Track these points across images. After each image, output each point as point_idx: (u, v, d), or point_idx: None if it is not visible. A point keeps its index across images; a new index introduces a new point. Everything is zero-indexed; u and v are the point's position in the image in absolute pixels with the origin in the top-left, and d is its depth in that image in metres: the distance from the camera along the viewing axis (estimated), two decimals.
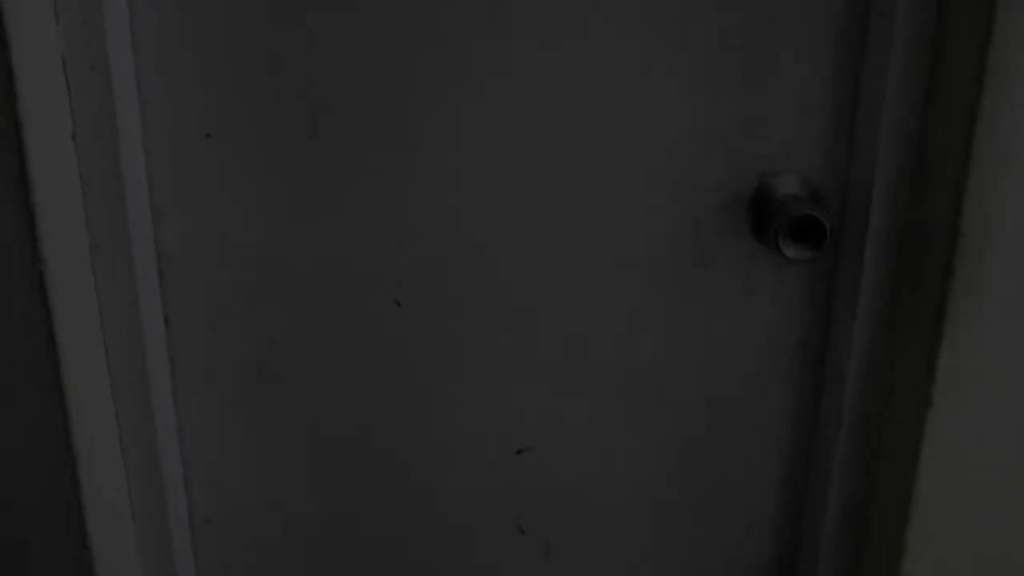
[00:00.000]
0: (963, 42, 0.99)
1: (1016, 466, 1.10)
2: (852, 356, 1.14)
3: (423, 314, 1.17)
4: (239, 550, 1.29)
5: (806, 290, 1.18)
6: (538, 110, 1.10)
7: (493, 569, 1.30)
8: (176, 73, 1.08)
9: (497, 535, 1.28)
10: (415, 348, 1.19)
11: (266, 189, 1.12)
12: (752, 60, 1.09)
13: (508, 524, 1.27)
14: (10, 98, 0.96)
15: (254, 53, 1.07)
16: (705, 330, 1.19)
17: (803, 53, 1.09)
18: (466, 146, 1.11)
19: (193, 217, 1.13)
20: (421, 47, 1.08)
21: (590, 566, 1.29)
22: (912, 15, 1.02)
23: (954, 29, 1.01)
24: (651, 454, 1.24)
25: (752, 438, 1.24)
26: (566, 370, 1.20)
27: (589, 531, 1.28)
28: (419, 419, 1.22)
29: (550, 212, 1.14)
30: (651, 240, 1.16)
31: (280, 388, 1.20)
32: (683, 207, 1.15)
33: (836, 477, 1.19)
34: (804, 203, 1.10)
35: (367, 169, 1.12)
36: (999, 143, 0.99)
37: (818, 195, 1.14)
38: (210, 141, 1.10)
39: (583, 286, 1.17)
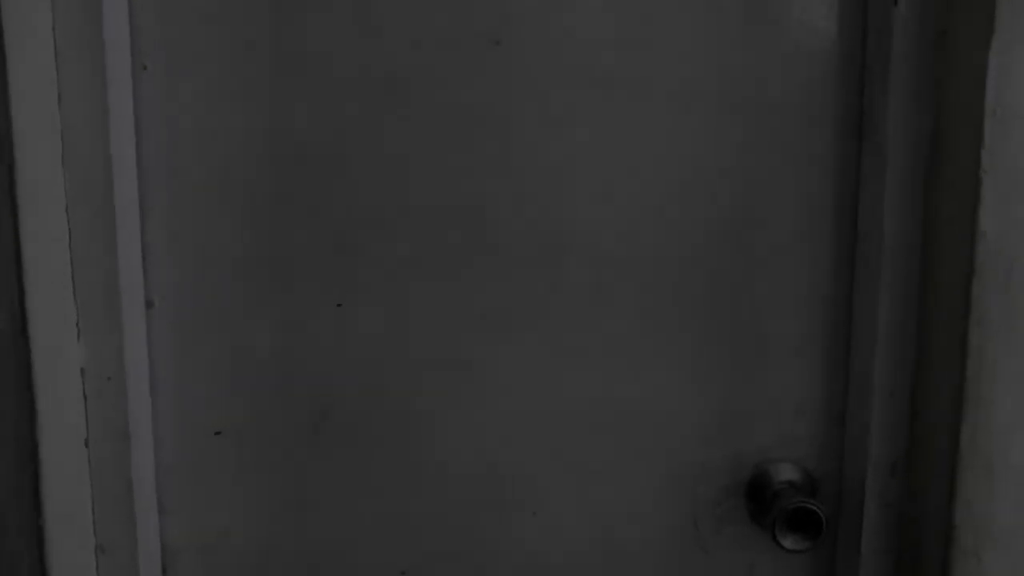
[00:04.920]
0: (944, 355, 1.05)
1: None
2: None
3: None
4: None
5: None
6: (541, 407, 1.14)
7: None
8: (188, 376, 1.12)
9: None
10: None
11: (271, 484, 1.14)
12: (744, 354, 1.14)
13: None
14: (31, 415, 1.00)
15: (262, 357, 1.12)
16: None
17: (793, 347, 1.14)
18: (468, 445, 1.15)
19: (198, 512, 1.14)
20: (422, 350, 1.13)
21: None
22: (892, 322, 1.08)
23: (934, 328, 1.07)
24: None
25: None
26: None
27: None
28: None
29: (553, 503, 1.16)
30: (651, 527, 1.17)
31: None
32: (682, 495, 1.17)
33: None
34: (800, 494, 1.13)
35: (370, 466, 1.14)
36: (986, 441, 1.03)
37: (814, 483, 1.17)
38: (219, 439, 1.13)
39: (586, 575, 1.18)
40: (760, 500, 1.16)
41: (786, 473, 1.16)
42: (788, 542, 1.10)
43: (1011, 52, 0.97)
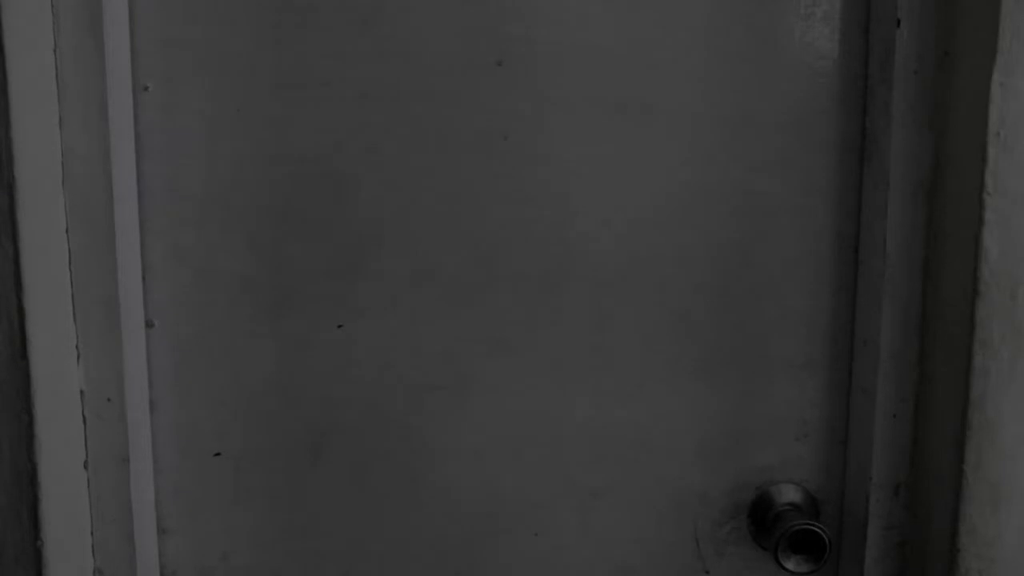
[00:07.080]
0: (947, 377, 1.04)
1: None
2: None
3: None
4: None
5: None
6: (543, 428, 1.14)
7: None
8: (188, 395, 1.11)
9: None
10: None
11: (271, 506, 1.14)
12: (746, 375, 1.14)
13: None
14: (30, 437, 1.00)
15: (262, 377, 1.11)
16: None
17: (796, 369, 1.14)
18: (469, 467, 1.14)
19: (198, 535, 1.14)
20: (423, 371, 1.12)
21: None
22: (895, 343, 1.08)
23: (938, 349, 1.06)
24: None
25: None
26: None
27: None
28: None
29: (554, 524, 1.16)
30: (653, 548, 1.17)
31: None
32: (684, 516, 1.16)
33: None
34: (803, 516, 1.12)
35: (370, 488, 1.14)
36: (991, 464, 1.02)
37: (816, 504, 1.16)
38: (218, 460, 1.12)
39: None
40: (763, 522, 1.15)
41: (789, 495, 1.16)
42: (791, 564, 1.10)
43: (1014, 73, 0.97)
